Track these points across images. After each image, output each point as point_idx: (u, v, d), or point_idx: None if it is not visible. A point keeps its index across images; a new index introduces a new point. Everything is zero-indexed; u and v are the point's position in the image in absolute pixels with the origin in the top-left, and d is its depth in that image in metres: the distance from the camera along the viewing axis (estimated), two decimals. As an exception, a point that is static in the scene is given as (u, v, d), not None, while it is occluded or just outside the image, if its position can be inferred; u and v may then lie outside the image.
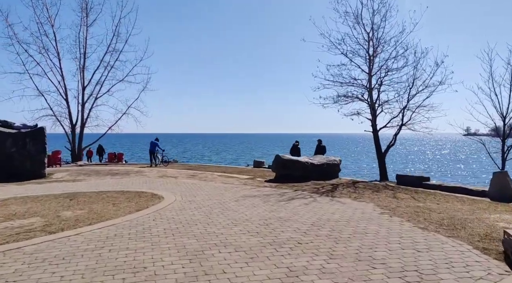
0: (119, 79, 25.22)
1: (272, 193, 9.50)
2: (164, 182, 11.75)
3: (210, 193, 9.51)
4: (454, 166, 43.25)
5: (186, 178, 12.99)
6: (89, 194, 9.05)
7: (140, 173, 14.84)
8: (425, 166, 43.05)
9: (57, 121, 23.87)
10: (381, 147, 14.55)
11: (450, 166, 42.87)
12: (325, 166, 13.80)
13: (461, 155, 63.67)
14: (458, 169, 39.82)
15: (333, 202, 8.38)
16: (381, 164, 14.42)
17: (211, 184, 11.44)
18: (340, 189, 10.50)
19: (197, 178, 13.02)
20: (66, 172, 15.26)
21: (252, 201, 8.34)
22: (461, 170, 39.36)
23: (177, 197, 8.77)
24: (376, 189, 10.76)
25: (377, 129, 14.56)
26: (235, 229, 5.70)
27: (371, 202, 8.39)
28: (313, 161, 13.60)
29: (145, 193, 9.35)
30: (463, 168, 41.39)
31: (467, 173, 36.19)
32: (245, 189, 10.24)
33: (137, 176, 13.59)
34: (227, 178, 13.09)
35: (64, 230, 5.56)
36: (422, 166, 41.98)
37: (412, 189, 10.89)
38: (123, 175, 14.06)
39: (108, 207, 7.44)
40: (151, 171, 15.68)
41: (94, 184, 11.24)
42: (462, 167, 42.38)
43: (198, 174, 14.34)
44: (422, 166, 42.66)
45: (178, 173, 14.87)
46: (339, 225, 6.00)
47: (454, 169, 40.22)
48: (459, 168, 41.44)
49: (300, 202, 8.21)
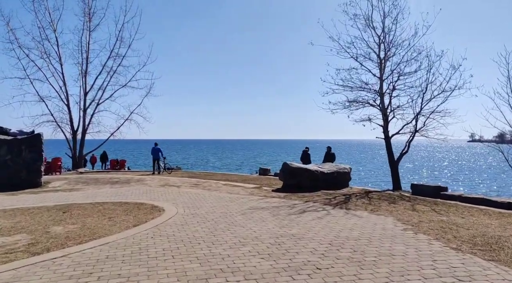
0: (122, 84, 24.78)
1: (281, 205, 8.83)
2: (166, 192, 11.12)
3: (214, 204, 8.85)
4: (464, 173, 42.08)
5: (189, 187, 12.35)
6: (84, 206, 8.43)
7: (141, 181, 14.23)
8: (433, 173, 41.96)
9: (58, 127, 23.42)
10: (393, 155, 13.84)
11: (462, 174, 41.53)
12: (335, 174, 13.12)
13: (464, 161, 62.51)
14: (470, 177, 38.54)
15: (348, 215, 7.69)
16: (393, 173, 13.70)
17: (215, 194, 10.79)
18: (354, 200, 9.81)
19: (201, 187, 12.38)
20: (65, 180, 14.68)
21: (261, 214, 7.68)
22: (472, 177, 38.09)
23: (179, 210, 8.13)
24: (392, 200, 10.05)
25: (389, 135, 13.87)
26: (243, 249, 5.03)
27: (390, 216, 7.70)
28: (322, 170, 12.92)
29: (145, 204, 8.71)
30: (475, 176, 39.98)
31: (481, 181, 34.86)
32: (252, 200, 9.57)
33: (138, 185, 12.98)
34: (232, 187, 12.43)
35: (50, 251, 4.93)
36: (429, 173, 40.89)
37: (430, 200, 10.17)
38: (123, 184, 13.45)
39: (103, 222, 6.81)
40: (153, 179, 15.08)
41: (91, 194, 10.62)
42: (475, 174, 40.95)
43: (201, 183, 13.70)
44: (430, 172, 41.53)
45: (180, 181, 14.25)
46: (360, 245, 5.31)
47: (466, 176, 38.96)
48: (470, 175, 40.19)
49: (312, 216, 7.53)
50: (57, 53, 23.35)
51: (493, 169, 47.40)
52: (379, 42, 13.72)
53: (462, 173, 42.87)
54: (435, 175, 38.56)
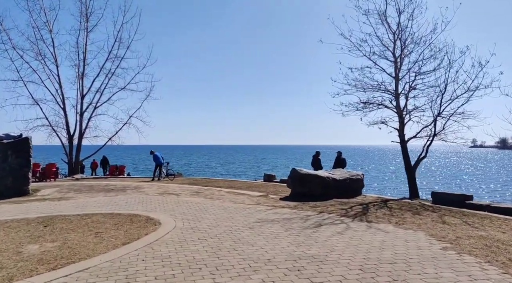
0: (121, 87, 23.86)
1: (293, 217, 7.82)
2: (164, 201, 10.13)
3: (217, 216, 7.85)
4: (474, 180, 40.47)
5: (189, 196, 11.36)
6: (70, 218, 7.43)
7: (139, 189, 13.24)
8: (442, 178, 40.41)
9: (54, 131, 22.45)
10: (410, 160, 12.83)
11: (476, 180, 39.55)
12: (348, 181, 12.10)
13: (469, 167, 61.23)
14: (485, 183, 36.71)
15: (372, 230, 6.68)
16: (410, 180, 12.68)
17: (218, 203, 9.80)
18: (373, 211, 8.79)
19: (202, 196, 11.38)
20: (56, 187, 13.70)
21: (271, 228, 6.67)
22: (487, 184, 36.05)
23: (177, 223, 7.13)
24: (415, 210, 9.03)
25: (405, 139, 12.87)
26: (255, 278, 4.03)
27: (419, 230, 6.68)
28: (334, 176, 11.91)
29: (139, 216, 7.72)
30: (491, 183, 37.85)
31: (500, 188, 33.11)
32: (259, 211, 8.57)
33: (134, 193, 11.99)
34: (236, 196, 11.43)
35: (12, 280, 3.94)
36: (440, 179, 39.35)
37: (457, 211, 9.14)
38: (118, 191, 12.47)
39: (88, 238, 5.81)
40: (151, 186, 14.09)
41: (81, 204, 9.63)
42: (487, 181, 38.86)
43: (203, 191, 12.70)
44: (441, 179, 39.89)
45: (180, 189, 13.25)
46: (398, 270, 4.31)
47: (481, 183, 37.09)
48: (482, 182, 38.33)
49: (331, 231, 6.52)
50: (52, 55, 22.51)
51: (503, 174, 46.04)
52: (394, 39, 12.80)
53: (472, 179, 41.26)
54: (446, 182, 36.97)
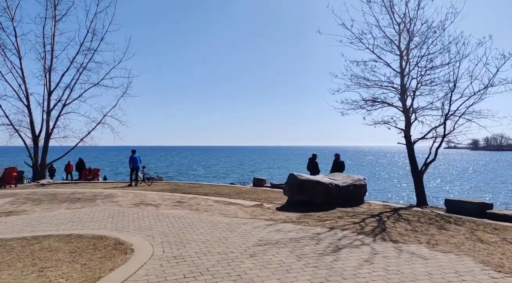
0: (94, 82, 21.70)
1: (301, 236, 6.34)
2: (140, 215, 8.43)
3: (207, 237, 6.27)
4: (464, 182, 38.64)
5: (171, 207, 9.69)
6: (11, 245, 5.65)
7: (111, 198, 11.43)
8: (438, 182, 38.07)
9: (16, 131, 20.06)
10: (417, 164, 11.64)
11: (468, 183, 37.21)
12: (351, 188, 10.77)
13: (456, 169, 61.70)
14: (481, 186, 34.62)
15: (404, 254, 5.29)
16: (418, 185, 11.49)
17: (206, 217, 8.20)
18: (391, 225, 7.43)
19: (187, 207, 9.74)
20: (12, 197, 11.67)
21: (279, 255, 5.16)
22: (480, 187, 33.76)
23: (155, 248, 5.51)
24: (438, 223, 7.75)
25: (411, 141, 11.68)
26: None
27: (462, 254, 5.35)
28: (336, 182, 10.54)
29: (106, 239, 6.03)
30: (487, 185, 35.69)
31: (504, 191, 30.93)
32: (257, 228, 7.04)
33: (105, 204, 10.20)
34: (226, 206, 9.85)
35: None
36: (436, 183, 37.05)
37: (481, 222, 7.95)
38: (86, 202, 10.63)
39: (26, 281, 4.12)
40: (126, 195, 12.28)
41: (34, 221, 7.79)
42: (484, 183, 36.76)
43: (186, 200, 11.03)
44: (439, 182, 37.44)
45: (160, 198, 11.53)
46: None
47: (478, 186, 34.58)
48: (479, 184, 36.36)
49: (356, 258, 5.08)
50: (14, 45, 20.09)
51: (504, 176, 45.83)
52: (399, 31, 11.60)
53: (468, 182, 39.27)
54: (441, 185, 35.05)
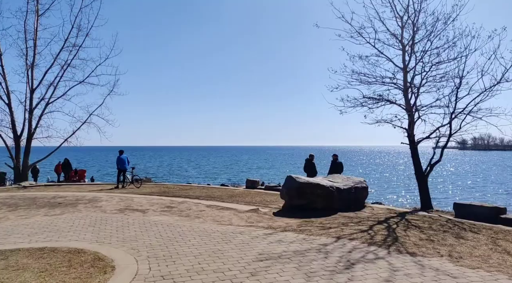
0: (79, 80, 20.66)
1: (305, 248, 5.64)
2: (125, 223, 7.64)
3: (200, 249, 5.53)
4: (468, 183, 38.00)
5: (159, 213, 8.90)
6: (-30, 263, 4.83)
7: (94, 202, 10.58)
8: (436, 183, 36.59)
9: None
10: (421, 165, 11.07)
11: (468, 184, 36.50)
12: (353, 191, 10.14)
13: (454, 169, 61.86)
14: (481, 187, 34.02)
15: (427, 271, 4.65)
16: (422, 187, 10.90)
17: (198, 225, 7.45)
18: (402, 233, 6.79)
19: (176, 212, 8.96)
20: (-14, 202, 10.72)
21: (284, 274, 4.45)
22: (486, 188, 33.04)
23: (140, 265, 4.75)
24: (453, 231, 7.14)
25: (415, 140, 11.10)
26: None
27: (493, 270, 4.74)
28: (337, 185, 9.89)
29: (84, 253, 5.23)
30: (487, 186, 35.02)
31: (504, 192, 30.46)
32: (256, 238, 6.32)
33: (87, 210, 9.36)
34: (219, 211, 9.11)
35: None
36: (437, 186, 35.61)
37: (499, 229, 7.38)
38: (67, 207, 9.77)
39: (-23, 315, 3.34)
40: (111, 199, 11.43)
41: (6, 231, 6.91)
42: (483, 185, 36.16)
43: (176, 204, 10.25)
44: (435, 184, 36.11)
45: (148, 202, 10.72)
46: None
47: (479, 187, 33.90)
48: (478, 185, 35.68)
49: (373, 276, 4.40)
50: (-6, 41, 19.03)
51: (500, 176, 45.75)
52: (402, 24, 11.01)
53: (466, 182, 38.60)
54: (438, 186, 33.95)
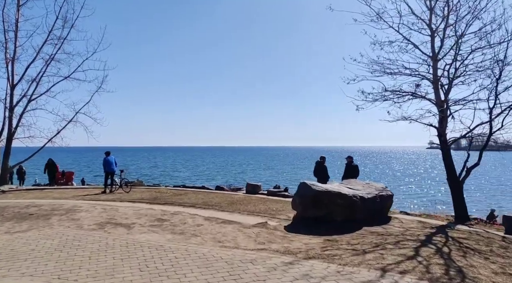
0: (64, 75, 18.93)
1: (345, 289, 4.09)
2: (102, 246, 6.03)
3: (199, 292, 3.95)
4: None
5: (147, 229, 7.29)
6: None
7: (72, 213, 8.94)
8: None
9: (-30, 130, 17.20)
10: (454, 168, 9.58)
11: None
12: (378, 200, 8.62)
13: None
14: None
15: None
16: (456, 195, 9.41)
17: (196, 248, 5.86)
18: (461, 260, 5.27)
19: (169, 228, 7.36)
20: None
21: None
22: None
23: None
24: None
25: (447, 140, 9.62)
26: None
27: None
28: (360, 193, 8.37)
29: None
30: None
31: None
32: (273, 271, 4.75)
33: (61, 224, 7.73)
34: (220, 226, 7.52)
35: None
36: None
37: None
38: (37, 220, 8.13)
39: None
40: (93, 208, 9.79)
41: None
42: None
43: (169, 216, 8.64)
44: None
45: (135, 212, 9.09)
46: None
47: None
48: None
49: None
50: (-30, 33, 17.26)
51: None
52: (431, 6, 9.54)
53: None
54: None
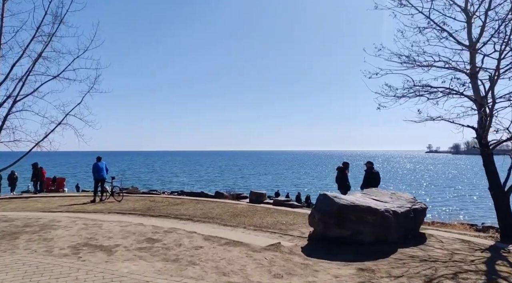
0: (53, 74, 17.53)
1: None
2: (70, 280, 4.59)
3: None
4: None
5: (133, 254, 5.83)
6: None
7: (46, 231, 7.49)
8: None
9: None
10: (498, 176, 8.20)
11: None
12: (412, 214, 7.23)
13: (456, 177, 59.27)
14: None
15: None
16: (501, 209, 8.02)
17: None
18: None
19: (159, 253, 5.91)
20: None
21: None
22: None
23: None
24: None
25: (488, 143, 8.26)
26: None
27: None
28: (392, 207, 6.97)
29: None
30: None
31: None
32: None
33: (28, 245, 6.28)
34: (224, 249, 6.08)
35: None
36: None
37: None
38: (2, 239, 6.68)
39: None
40: (73, 223, 8.33)
41: None
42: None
43: (161, 235, 7.16)
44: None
45: (122, 230, 7.62)
46: None
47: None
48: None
49: None
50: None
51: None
52: (467, -13, 8.23)
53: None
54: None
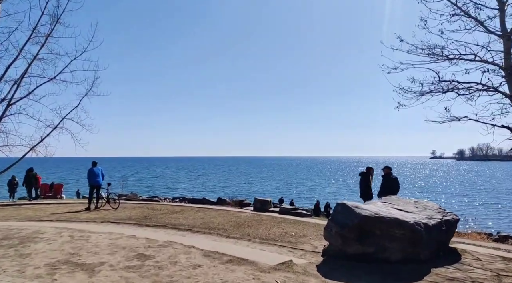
0: (49, 76, 16.82)
1: None
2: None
3: None
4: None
5: (118, 277, 4.90)
6: None
7: (26, 244, 6.62)
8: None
9: None
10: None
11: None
12: (444, 227, 6.27)
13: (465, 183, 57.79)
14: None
15: None
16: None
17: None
18: None
19: (150, 274, 4.99)
20: None
21: None
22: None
23: None
24: None
25: (525, 146, 7.30)
26: None
27: None
28: (423, 220, 6.01)
29: None
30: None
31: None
32: None
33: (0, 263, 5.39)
34: (227, 269, 5.14)
35: None
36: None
37: None
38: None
39: None
40: (57, 236, 7.44)
41: None
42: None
43: (155, 250, 6.25)
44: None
45: (110, 244, 6.72)
46: None
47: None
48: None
49: None
50: None
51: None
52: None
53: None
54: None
